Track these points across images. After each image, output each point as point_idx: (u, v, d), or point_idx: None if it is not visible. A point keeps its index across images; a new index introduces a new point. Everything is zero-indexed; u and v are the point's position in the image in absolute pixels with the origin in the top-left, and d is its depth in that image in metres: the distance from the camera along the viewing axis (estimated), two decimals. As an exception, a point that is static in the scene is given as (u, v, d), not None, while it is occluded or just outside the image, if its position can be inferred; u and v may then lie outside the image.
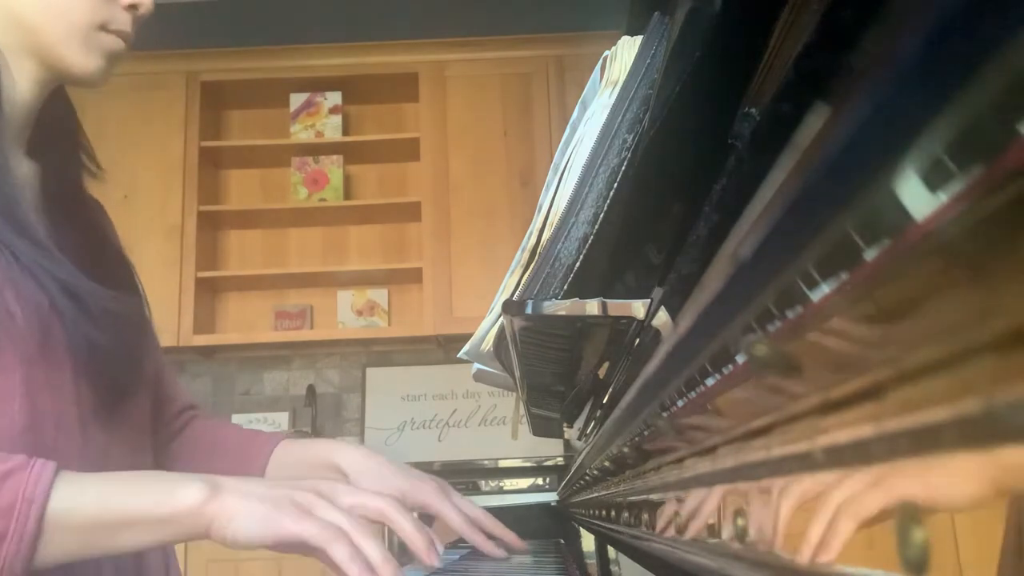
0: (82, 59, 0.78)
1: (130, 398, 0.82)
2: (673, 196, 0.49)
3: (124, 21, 0.80)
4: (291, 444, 0.95)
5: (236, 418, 3.22)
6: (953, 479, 0.13)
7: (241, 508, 0.62)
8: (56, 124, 0.86)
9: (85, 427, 0.75)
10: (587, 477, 0.84)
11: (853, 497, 0.17)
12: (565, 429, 1.15)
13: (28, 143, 0.82)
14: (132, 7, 0.80)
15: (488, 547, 0.86)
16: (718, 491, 0.28)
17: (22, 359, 0.69)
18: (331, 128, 3.31)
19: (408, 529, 0.69)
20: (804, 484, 0.20)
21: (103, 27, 0.79)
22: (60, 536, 0.60)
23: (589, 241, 0.57)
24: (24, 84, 0.78)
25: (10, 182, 0.74)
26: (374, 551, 0.63)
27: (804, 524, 0.20)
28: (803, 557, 0.20)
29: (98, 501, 0.62)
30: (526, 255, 0.70)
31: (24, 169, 0.80)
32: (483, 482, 2.76)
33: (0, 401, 0.68)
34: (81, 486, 0.62)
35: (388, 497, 0.70)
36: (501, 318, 0.59)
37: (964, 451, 0.13)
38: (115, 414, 0.79)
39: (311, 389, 3.18)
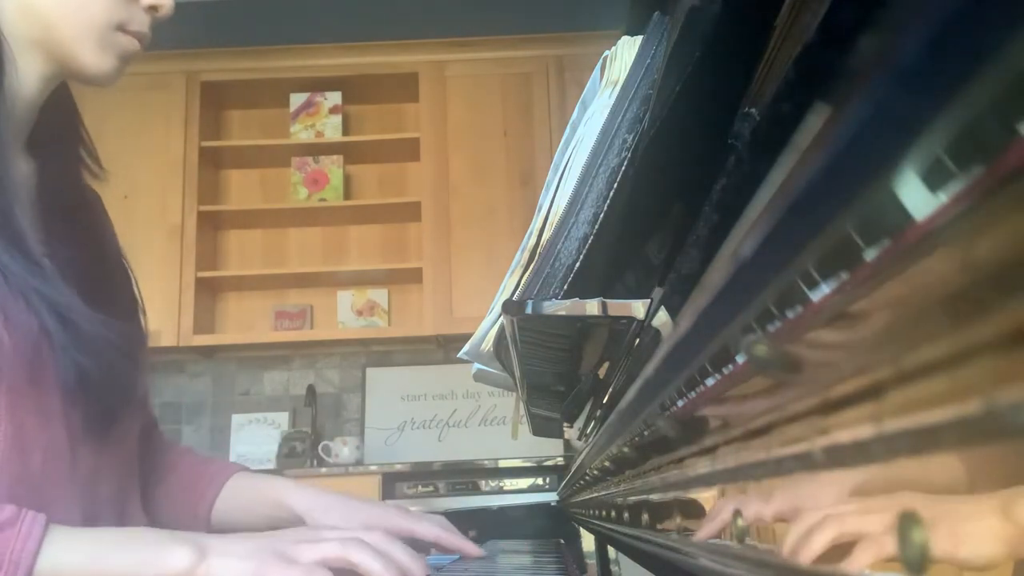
0: (96, 58, 0.77)
1: (120, 421, 0.80)
2: (673, 196, 0.49)
3: (142, 22, 0.79)
4: (243, 479, 0.95)
5: (236, 418, 3.22)
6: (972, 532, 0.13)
7: (228, 569, 0.62)
8: (58, 120, 0.84)
9: (75, 451, 0.73)
10: (587, 477, 0.84)
11: (851, 496, 0.17)
12: (565, 429, 1.15)
13: (28, 140, 0.80)
14: (152, 8, 0.79)
15: (470, 547, 0.88)
16: (718, 491, 0.28)
17: (9, 384, 0.67)
18: (331, 128, 3.31)
19: (405, 561, 0.69)
20: (804, 484, 0.20)
21: (121, 27, 0.77)
22: None
23: (589, 241, 0.57)
24: (30, 79, 0.77)
25: (8, 191, 0.72)
26: (370, 560, 0.65)
27: (804, 524, 0.20)
28: (803, 557, 0.20)
29: (86, 562, 0.61)
30: (526, 255, 0.70)
31: (23, 168, 0.79)
32: (483, 482, 2.76)
33: None
34: (70, 544, 0.62)
35: (375, 531, 0.71)
36: (501, 318, 0.59)
37: (964, 451, 0.13)
38: (105, 438, 0.78)
39: (311, 389, 3.18)
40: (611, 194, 0.57)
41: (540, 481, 2.76)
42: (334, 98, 3.34)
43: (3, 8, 0.75)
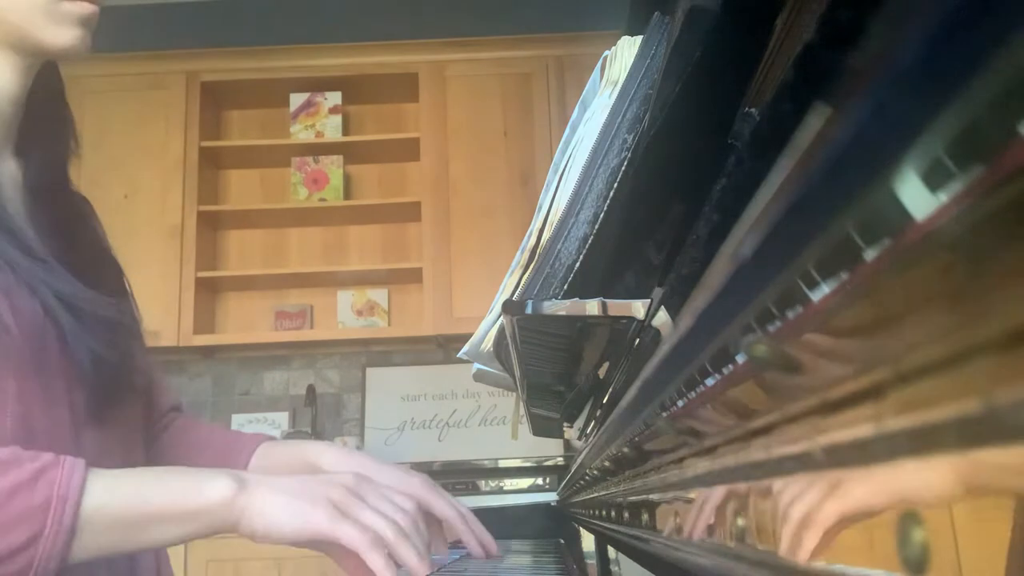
0: (53, 33, 0.76)
1: (124, 402, 0.81)
2: (673, 196, 0.49)
3: None
4: (272, 446, 0.94)
5: (236, 418, 3.22)
6: (949, 480, 0.13)
7: (273, 502, 0.63)
8: (46, 111, 0.84)
9: (79, 434, 0.74)
10: (587, 477, 0.84)
11: (851, 496, 0.17)
12: (565, 429, 1.15)
13: (17, 134, 0.80)
14: None
15: (477, 549, 0.86)
16: (718, 491, 0.28)
17: (15, 371, 0.68)
18: (331, 128, 3.31)
19: (450, 513, 0.72)
20: (804, 484, 0.20)
21: None
22: (94, 532, 0.61)
23: (589, 241, 0.57)
24: (7, 74, 0.77)
25: (1, 189, 0.73)
26: (409, 556, 0.65)
27: (803, 524, 0.20)
28: (803, 557, 0.20)
29: (129, 497, 0.63)
30: (526, 255, 0.70)
31: (11, 167, 0.79)
32: (483, 482, 2.76)
33: None
34: (112, 482, 0.63)
35: (419, 481, 0.70)
36: (501, 318, 0.59)
37: (964, 451, 0.13)
38: (108, 420, 0.78)
39: (311, 389, 3.18)
40: (611, 194, 0.57)
41: (540, 481, 2.76)
42: (334, 98, 3.33)
43: None
